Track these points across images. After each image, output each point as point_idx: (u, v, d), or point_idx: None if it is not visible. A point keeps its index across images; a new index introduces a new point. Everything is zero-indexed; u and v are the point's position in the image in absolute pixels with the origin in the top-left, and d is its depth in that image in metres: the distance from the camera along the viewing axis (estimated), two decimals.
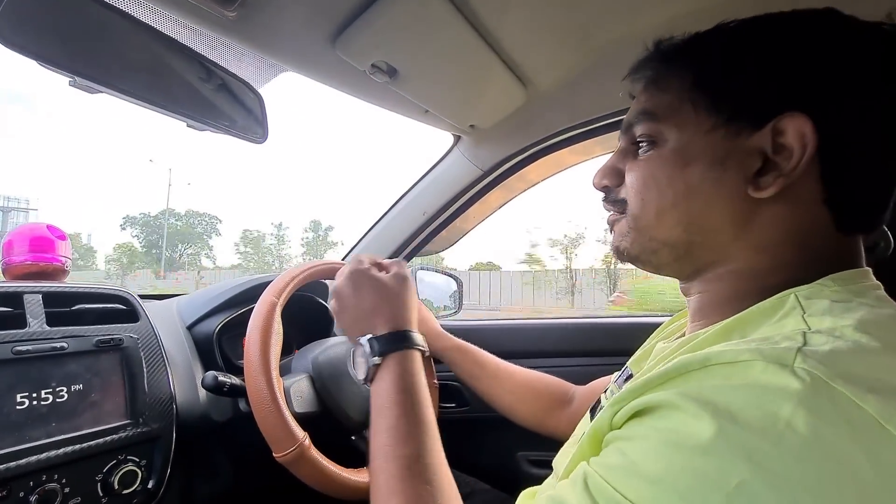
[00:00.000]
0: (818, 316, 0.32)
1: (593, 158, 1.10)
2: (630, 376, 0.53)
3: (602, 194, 0.48)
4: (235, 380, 0.74)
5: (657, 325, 0.64)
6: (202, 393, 0.76)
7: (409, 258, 1.24)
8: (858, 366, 0.28)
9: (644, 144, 0.43)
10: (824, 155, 0.36)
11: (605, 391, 0.58)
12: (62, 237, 0.72)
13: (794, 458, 0.25)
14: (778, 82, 0.37)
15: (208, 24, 0.59)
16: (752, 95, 0.38)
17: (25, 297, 0.63)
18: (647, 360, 0.49)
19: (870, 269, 0.39)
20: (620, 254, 0.46)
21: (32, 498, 0.54)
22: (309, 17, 0.61)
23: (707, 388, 0.29)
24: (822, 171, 0.37)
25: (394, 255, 1.20)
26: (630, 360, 0.59)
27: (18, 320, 0.61)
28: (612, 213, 0.47)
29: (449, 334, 0.90)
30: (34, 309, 0.63)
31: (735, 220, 0.39)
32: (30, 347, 0.59)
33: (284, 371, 0.73)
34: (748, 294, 0.38)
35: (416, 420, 0.49)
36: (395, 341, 0.55)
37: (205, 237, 42.59)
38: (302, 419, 0.66)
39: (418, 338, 0.56)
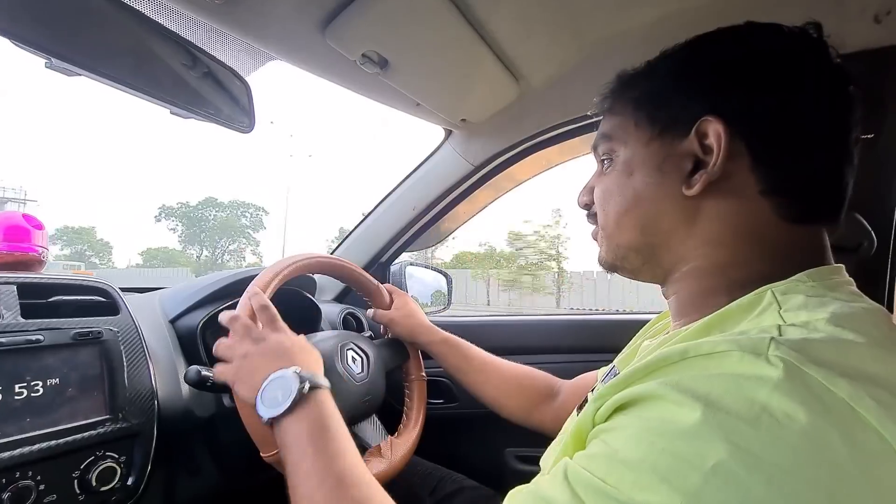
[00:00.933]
0: (794, 311, 0.34)
1: (580, 157, 1.11)
2: (617, 374, 0.53)
3: (585, 212, 0.53)
4: None
5: (643, 323, 0.64)
6: (185, 388, 0.75)
7: (397, 254, 1.23)
8: (829, 353, 0.29)
9: (605, 162, 0.49)
10: (750, 148, 0.39)
11: (593, 389, 0.58)
12: (38, 226, 0.69)
13: (770, 439, 0.26)
14: (696, 92, 0.42)
15: (194, 7, 0.57)
16: (676, 106, 0.42)
17: None
18: (634, 359, 0.51)
19: (842, 266, 0.40)
20: (602, 264, 0.50)
21: (5, 496, 0.52)
22: (299, 4, 0.60)
23: (687, 378, 0.31)
24: (752, 164, 0.39)
25: (383, 251, 1.19)
26: (617, 358, 0.60)
27: None
28: (593, 227, 0.51)
29: (436, 328, 0.89)
30: (8, 300, 0.60)
31: (682, 220, 0.42)
32: (3, 340, 0.57)
33: None
34: (717, 290, 0.41)
35: (345, 444, 0.51)
36: (314, 378, 0.55)
37: (249, 231, 38.82)
38: None
39: (326, 381, 0.57)
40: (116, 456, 0.62)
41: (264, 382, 0.54)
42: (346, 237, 1.19)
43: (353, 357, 0.79)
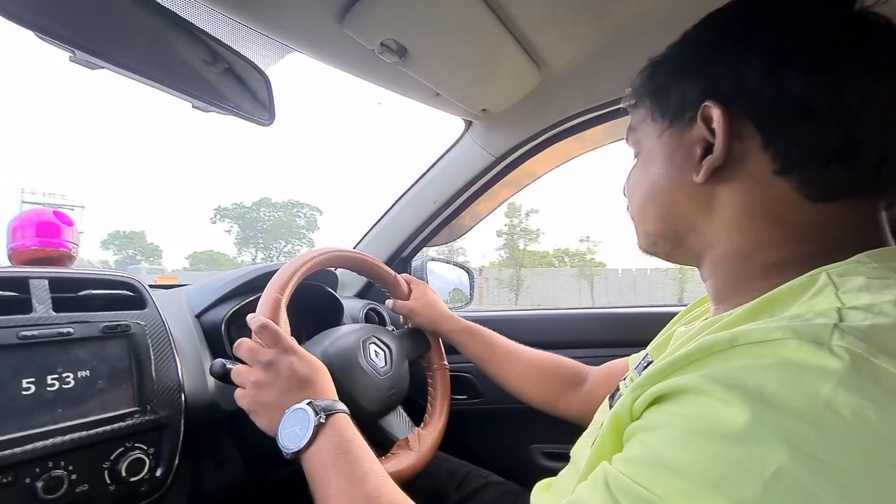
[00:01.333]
0: (854, 293, 0.30)
1: (599, 148, 1.07)
2: (650, 363, 0.52)
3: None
4: None
5: (675, 315, 0.62)
6: (210, 381, 0.75)
7: (419, 249, 1.22)
8: None
9: (634, 154, 0.50)
10: (758, 127, 0.37)
11: (624, 378, 0.56)
12: (69, 223, 0.71)
13: (837, 442, 0.23)
14: (691, 77, 0.41)
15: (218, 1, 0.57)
16: (679, 95, 0.42)
17: (31, 282, 0.62)
18: (669, 346, 0.49)
19: None
20: (640, 249, 0.51)
21: (38, 484, 0.53)
22: None
23: (736, 370, 0.28)
24: (762, 144, 0.37)
25: (404, 245, 1.18)
26: (650, 345, 0.58)
27: (24, 305, 0.60)
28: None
29: (457, 316, 0.88)
30: (40, 294, 0.62)
31: (698, 207, 0.42)
32: (35, 332, 0.58)
33: None
34: (753, 275, 0.39)
35: (369, 465, 0.50)
36: (332, 406, 0.55)
37: (305, 231, 37.89)
38: None
39: (344, 406, 0.56)
40: (145, 447, 0.63)
41: (281, 418, 0.54)
42: (368, 232, 1.19)
43: (375, 351, 0.79)
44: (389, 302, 0.91)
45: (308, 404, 0.53)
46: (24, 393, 0.55)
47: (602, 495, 0.30)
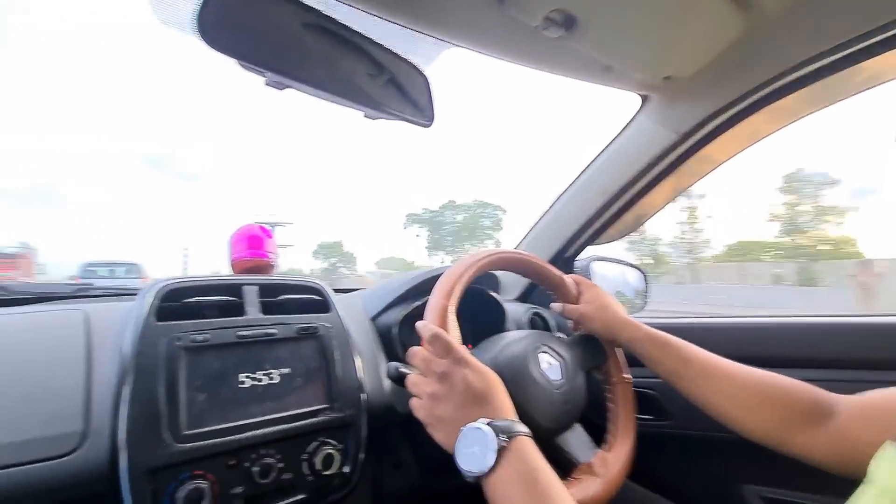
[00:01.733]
0: None
1: (795, 121, 0.82)
2: None
3: None
4: (418, 372, 0.73)
5: None
6: (387, 383, 0.78)
7: (583, 247, 1.10)
8: None
9: None
10: None
11: None
12: (269, 235, 0.81)
13: None
14: None
15: (375, 5, 0.57)
16: None
17: (244, 288, 0.71)
18: None
19: None
20: None
21: (255, 469, 0.60)
22: None
23: None
24: None
25: (567, 245, 1.08)
26: None
27: (239, 308, 0.69)
28: None
29: (639, 323, 0.74)
30: (251, 298, 0.71)
31: None
32: (249, 333, 0.66)
33: None
34: None
35: (561, 499, 0.45)
36: (514, 427, 0.50)
37: (490, 231, 38.57)
38: None
39: (526, 429, 0.51)
40: (335, 443, 0.67)
41: (458, 436, 0.50)
42: (529, 231, 1.12)
43: (548, 361, 0.71)
44: (556, 305, 0.81)
45: (487, 424, 0.49)
46: (241, 386, 0.62)
47: None
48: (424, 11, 0.60)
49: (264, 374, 0.65)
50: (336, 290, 1.10)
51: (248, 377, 0.63)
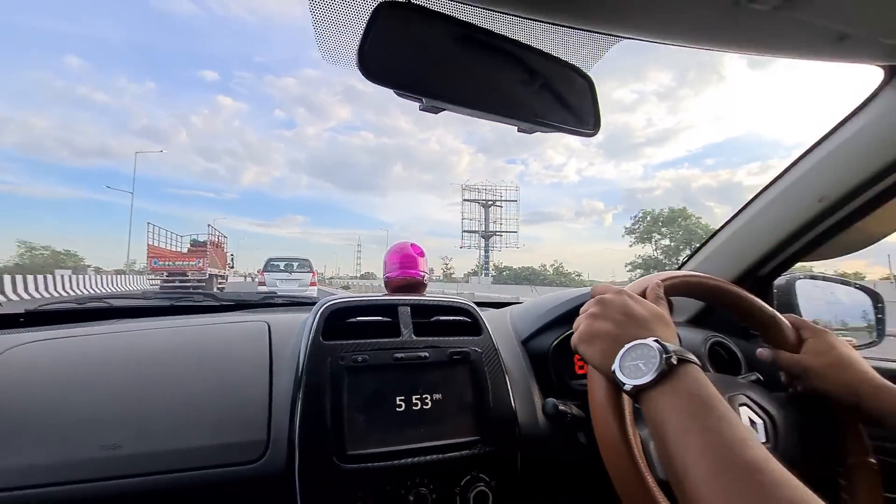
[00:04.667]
0: None
1: None
2: None
3: None
4: (576, 410, 0.65)
5: None
6: (541, 415, 0.71)
7: (787, 266, 0.88)
8: None
9: None
10: None
11: None
12: (422, 254, 0.81)
13: None
14: None
15: (534, 9, 0.51)
16: None
17: (399, 308, 0.72)
18: None
19: None
20: None
21: (410, 497, 0.59)
22: None
23: None
24: None
25: (761, 262, 0.87)
26: None
27: (395, 329, 0.70)
28: None
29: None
30: (405, 319, 0.71)
31: None
32: (404, 355, 0.66)
33: (636, 415, 0.58)
34: None
35: (745, 433, 0.39)
36: (682, 351, 0.46)
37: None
38: (666, 485, 0.50)
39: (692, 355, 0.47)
40: (487, 479, 0.63)
41: (620, 351, 0.48)
42: (702, 247, 0.94)
43: (750, 418, 0.57)
44: (766, 352, 0.65)
45: (655, 341, 0.46)
46: (397, 410, 0.63)
47: None
48: (592, 7, 0.52)
49: (418, 399, 0.64)
50: (483, 305, 1.08)
51: (403, 401, 0.63)
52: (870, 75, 0.67)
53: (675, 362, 0.44)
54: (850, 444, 0.59)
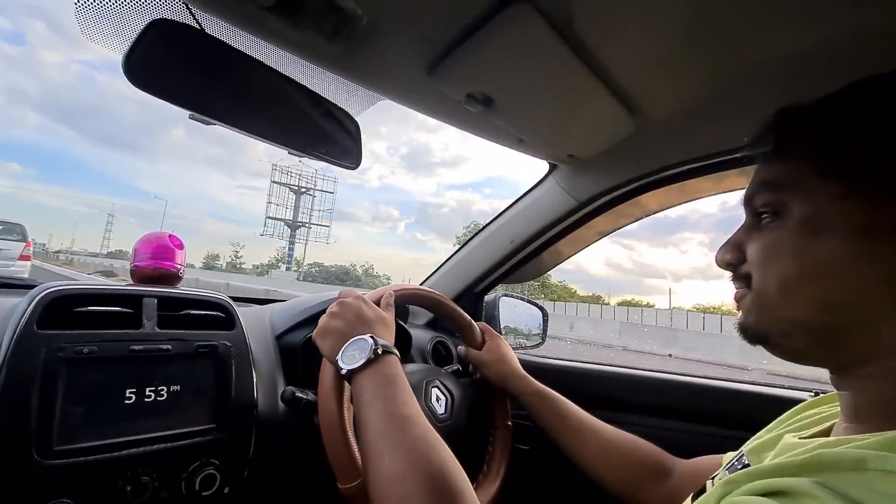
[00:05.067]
0: None
1: (703, 197, 0.98)
2: (746, 466, 0.45)
3: (728, 273, 0.44)
4: (312, 396, 0.76)
5: (784, 401, 0.53)
6: (282, 404, 0.79)
7: (492, 286, 1.20)
8: None
9: (766, 216, 0.40)
10: None
11: (713, 477, 0.50)
12: (180, 246, 0.80)
13: None
14: None
15: (313, 57, 0.61)
16: (887, 156, 0.34)
17: (144, 300, 0.70)
18: (770, 452, 0.43)
19: None
20: (746, 332, 0.41)
21: (128, 488, 0.60)
22: (408, 49, 0.61)
23: (858, 488, 0.26)
24: None
25: (477, 282, 1.17)
26: (747, 446, 0.51)
27: (135, 320, 0.68)
28: (738, 289, 0.43)
29: (530, 377, 0.84)
30: (149, 311, 0.70)
31: (893, 302, 0.33)
32: (142, 347, 0.65)
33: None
34: None
35: (410, 398, 0.57)
36: (385, 347, 0.62)
37: None
38: None
39: (394, 349, 0.64)
40: (218, 463, 0.68)
41: (345, 345, 0.62)
42: (440, 266, 1.20)
43: (437, 396, 0.78)
44: (462, 349, 0.91)
45: (371, 337, 0.61)
46: (126, 402, 0.62)
47: None
48: (360, 68, 0.65)
49: (152, 391, 0.65)
50: (251, 301, 1.10)
51: (134, 393, 0.63)
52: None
53: (380, 353, 0.60)
54: (499, 413, 0.88)
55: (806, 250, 0.36)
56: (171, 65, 0.48)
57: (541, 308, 1.37)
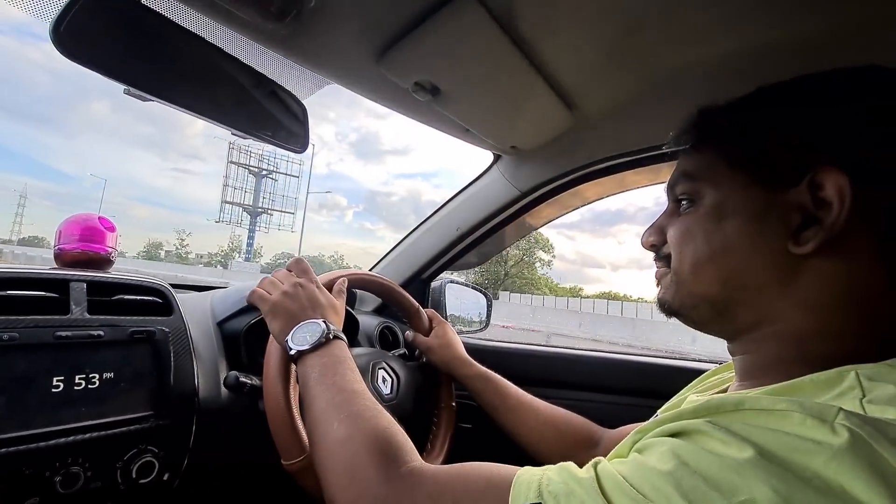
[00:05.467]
0: (880, 404, 0.29)
1: (636, 188, 1.06)
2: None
3: (652, 253, 0.50)
4: (256, 381, 0.75)
5: (696, 372, 0.61)
6: (225, 390, 0.78)
7: (438, 272, 1.23)
8: None
9: (685, 202, 0.45)
10: (874, 209, 0.35)
11: None
12: (111, 229, 0.76)
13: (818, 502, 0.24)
14: (813, 138, 0.37)
15: (259, 37, 0.60)
16: (786, 151, 0.38)
17: (71, 284, 0.66)
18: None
19: None
20: (663, 306, 0.47)
21: (57, 479, 0.57)
22: (356, 35, 0.62)
23: (738, 423, 0.29)
24: (875, 225, 0.35)
25: (424, 268, 1.20)
26: (661, 410, 0.57)
27: (62, 306, 0.64)
28: (659, 268, 0.48)
29: (473, 361, 0.88)
30: (78, 296, 0.66)
31: (778, 278, 0.38)
32: (70, 333, 0.62)
33: None
34: (796, 360, 0.37)
35: (357, 377, 0.59)
36: (338, 332, 0.64)
37: None
38: None
39: (342, 335, 0.65)
40: (156, 450, 0.66)
41: (296, 326, 0.63)
42: (388, 253, 1.21)
43: (383, 377, 0.80)
44: (409, 334, 0.93)
45: (323, 322, 0.63)
46: (53, 390, 0.59)
47: (587, 470, 0.34)
48: (307, 51, 0.65)
49: (83, 378, 0.62)
50: (191, 288, 1.05)
51: (62, 381, 0.60)
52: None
53: (331, 337, 0.61)
54: (443, 394, 0.91)
55: (714, 233, 0.41)
56: (104, 35, 0.45)
57: (485, 294, 1.42)
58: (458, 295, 1.38)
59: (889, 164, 0.35)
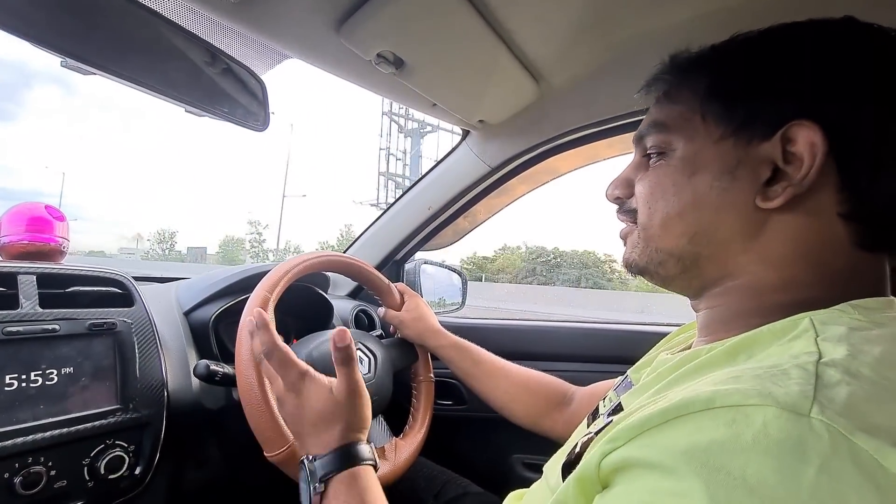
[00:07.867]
0: (833, 342, 0.30)
1: (602, 160, 1.07)
2: (630, 384, 0.52)
3: (615, 206, 0.48)
4: (228, 369, 0.73)
5: (662, 335, 0.62)
6: (195, 380, 0.76)
7: (412, 253, 1.22)
8: (879, 414, 0.25)
9: (654, 155, 0.43)
10: (842, 165, 0.35)
11: (605, 398, 0.57)
12: (60, 218, 0.71)
13: None
14: (787, 91, 0.37)
15: (210, 7, 0.57)
16: (761, 104, 0.37)
17: (19, 277, 0.63)
18: (647, 369, 0.49)
19: (894, 300, 0.36)
20: (630, 266, 0.46)
21: (17, 480, 0.54)
22: (313, 3, 0.59)
23: (715, 448, 0.26)
24: (839, 182, 0.35)
25: (397, 249, 1.18)
26: (631, 370, 0.58)
27: (11, 300, 0.60)
28: (625, 225, 0.47)
29: (446, 331, 0.89)
30: (27, 290, 0.62)
31: (744, 232, 0.38)
32: (21, 328, 0.59)
33: None
34: (756, 311, 0.38)
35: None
36: (340, 460, 0.50)
37: None
38: None
39: (365, 451, 0.51)
40: (126, 445, 0.64)
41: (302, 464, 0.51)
42: (360, 235, 1.19)
43: (359, 357, 0.79)
44: (381, 310, 0.92)
45: (310, 471, 0.49)
46: (6, 389, 0.56)
47: None
48: (265, 22, 0.61)
49: (39, 375, 0.59)
50: (151, 279, 1.01)
51: (15, 379, 0.57)
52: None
53: (321, 490, 0.48)
54: (421, 368, 0.91)
55: (685, 187, 0.40)
56: (38, 2, 0.42)
57: (460, 273, 1.42)
58: (433, 275, 1.37)
59: (861, 121, 0.35)
